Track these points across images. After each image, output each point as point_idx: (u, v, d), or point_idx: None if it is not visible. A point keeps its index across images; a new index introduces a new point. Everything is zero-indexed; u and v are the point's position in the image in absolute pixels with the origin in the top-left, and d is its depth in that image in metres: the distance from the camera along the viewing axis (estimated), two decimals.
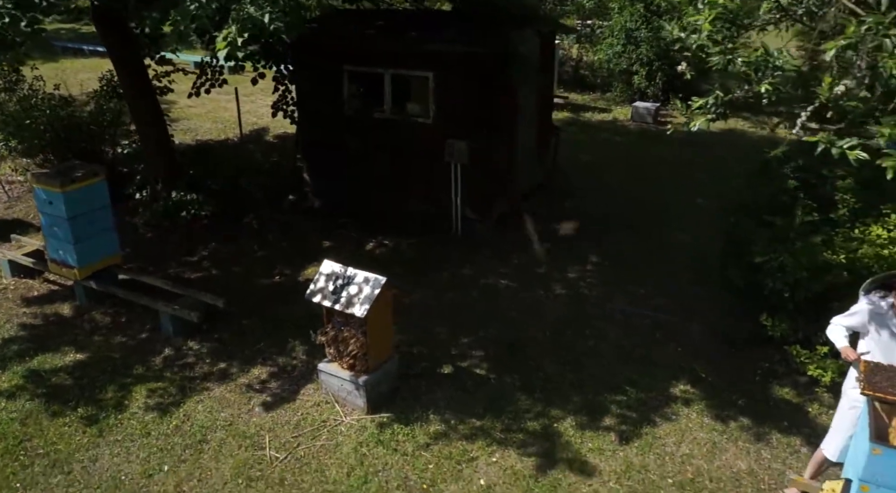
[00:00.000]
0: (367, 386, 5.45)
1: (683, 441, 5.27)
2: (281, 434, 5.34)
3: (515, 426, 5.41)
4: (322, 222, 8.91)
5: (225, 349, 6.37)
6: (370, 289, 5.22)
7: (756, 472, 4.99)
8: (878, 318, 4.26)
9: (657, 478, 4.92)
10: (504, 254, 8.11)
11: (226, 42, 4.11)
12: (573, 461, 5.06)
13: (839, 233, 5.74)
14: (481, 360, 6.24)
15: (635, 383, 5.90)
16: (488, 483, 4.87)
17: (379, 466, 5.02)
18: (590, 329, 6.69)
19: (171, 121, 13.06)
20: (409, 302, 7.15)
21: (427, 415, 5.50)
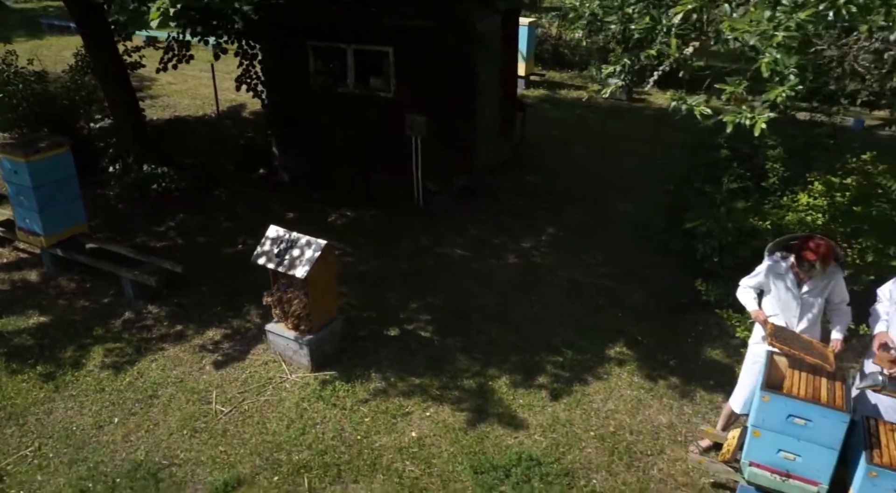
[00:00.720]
0: (311, 345, 5.71)
1: (610, 398, 5.53)
2: (228, 390, 5.61)
3: (452, 384, 5.68)
4: (289, 195, 9.14)
5: (183, 313, 6.63)
6: (311, 252, 5.46)
7: (675, 425, 5.25)
8: (778, 277, 4.49)
9: (581, 431, 5.18)
10: (462, 225, 8.34)
11: (159, 12, 4.29)
12: (503, 416, 5.33)
13: (771, 201, 5.96)
14: (428, 324, 6.49)
15: (573, 346, 6.15)
16: (419, 435, 5.14)
17: (317, 419, 5.29)
18: (536, 296, 6.93)
19: (151, 97, 13.34)
20: (364, 269, 7.41)
21: (369, 373, 5.77)
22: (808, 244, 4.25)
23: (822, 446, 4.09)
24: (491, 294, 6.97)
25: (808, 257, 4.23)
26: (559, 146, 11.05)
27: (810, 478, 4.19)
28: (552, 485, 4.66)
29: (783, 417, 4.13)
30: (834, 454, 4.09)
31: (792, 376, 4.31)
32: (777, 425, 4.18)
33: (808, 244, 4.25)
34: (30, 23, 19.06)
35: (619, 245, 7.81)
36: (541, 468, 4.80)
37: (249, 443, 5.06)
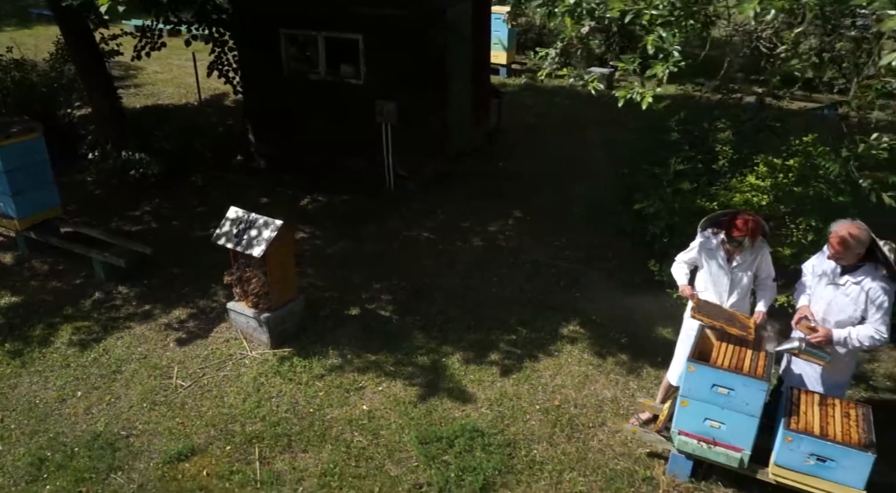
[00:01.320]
0: (270, 323, 5.89)
1: (559, 374, 5.70)
2: (189, 366, 5.80)
3: (406, 360, 5.85)
4: (264, 180, 9.30)
5: (152, 294, 6.82)
6: (268, 232, 5.63)
7: (619, 399, 5.42)
8: (708, 252, 4.65)
9: (527, 405, 5.36)
10: (431, 210, 8.50)
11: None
12: (453, 390, 5.50)
13: (721, 183, 6.10)
14: (388, 303, 6.66)
15: (527, 324, 6.32)
16: (370, 408, 5.32)
17: (273, 393, 5.47)
18: (497, 277, 7.10)
19: (136, 86, 13.49)
20: (331, 252, 7.58)
21: (327, 350, 5.95)
22: (737, 221, 4.40)
23: (743, 414, 4.26)
24: (453, 275, 7.14)
25: (736, 232, 4.39)
26: (534, 133, 11.18)
27: (734, 445, 4.36)
28: (493, 455, 4.83)
29: (708, 386, 4.30)
30: (755, 422, 4.26)
31: (719, 348, 4.48)
32: (702, 394, 4.35)
33: (737, 221, 4.40)
34: (21, 12, 19.21)
35: (582, 228, 7.96)
36: (484, 438, 4.97)
37: (206, 415, 5.25)
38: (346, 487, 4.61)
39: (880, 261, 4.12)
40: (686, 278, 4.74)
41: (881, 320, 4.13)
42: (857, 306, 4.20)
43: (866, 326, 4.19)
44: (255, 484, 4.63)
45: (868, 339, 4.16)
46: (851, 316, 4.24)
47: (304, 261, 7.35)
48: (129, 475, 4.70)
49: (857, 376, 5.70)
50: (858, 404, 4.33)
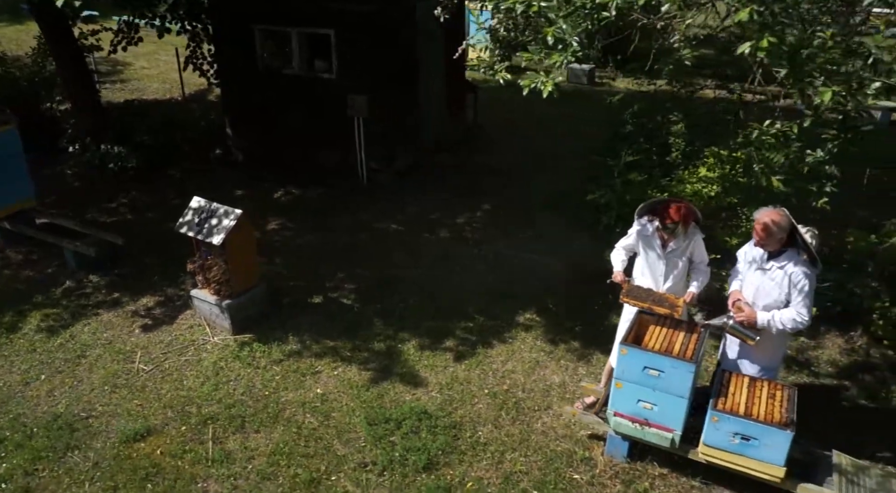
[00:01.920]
0: (231, 309, 6.05)
1: (510, 360, 5.86)
2: (153, 351, 5.96)
3: (364, 347, 6.01)
4: (241, 174, 9.47)
5: (122, 282, 6.98)
6: (228, 220, 5.79)
7: (566, 384, 5.57)
8: (645, 239, 4.80)
9: (476, 389, 5.51)
10: (402, 202, 8.65)
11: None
12: (405, 375, 5.66)
13: (675, 174, 6.25)
14: (351, 292, 6.82)
15: (485, 312, 6.47)
16: (324, 391, 5.48)
17: (231, 377, 5.64)
18: (461, 268, 7.25)
19: (122, 81, 13.66)
20: (300, 242, 7.75)
21: (287, 336, 6.11)
22: (670, 208, 4.55)
23: (673, 395, 4.41)
24: (417, 266, 7.29)
25: (669, 219, 4.54)
26: (511, 128, 11.33)
27: (666, 425, 4.51)
28: (438, 436, 4.99)
29: (639, 369, 4.45)
30: (684, 403, 4.41)
31: (653, 331, 4.63)
32: (635, 376, 4.50)
33: (670, 208, 4.55)
34: (13, 8, 19.38)
35: (547, 219, 8.11)
36: (431, 420, 5.13)
37: (164, 398, 5.41)
38: (294, 465, 4.77)
39: (801, 247, 4.27)
40: (622, 264, 4.89)
41: (803, 304, 4.28)
42: (782, 290, 4.35)
43: (789, 309, 4.33)
44: (207, 462, 4.79)
45: (790, 322, 4.31)
46: (777, 300, 4.38)
47: (273, 251, 7.52)
48: (86, 454, 4.86)
49: (801, 363, 5.86)
50: (785, 386, 4.48)
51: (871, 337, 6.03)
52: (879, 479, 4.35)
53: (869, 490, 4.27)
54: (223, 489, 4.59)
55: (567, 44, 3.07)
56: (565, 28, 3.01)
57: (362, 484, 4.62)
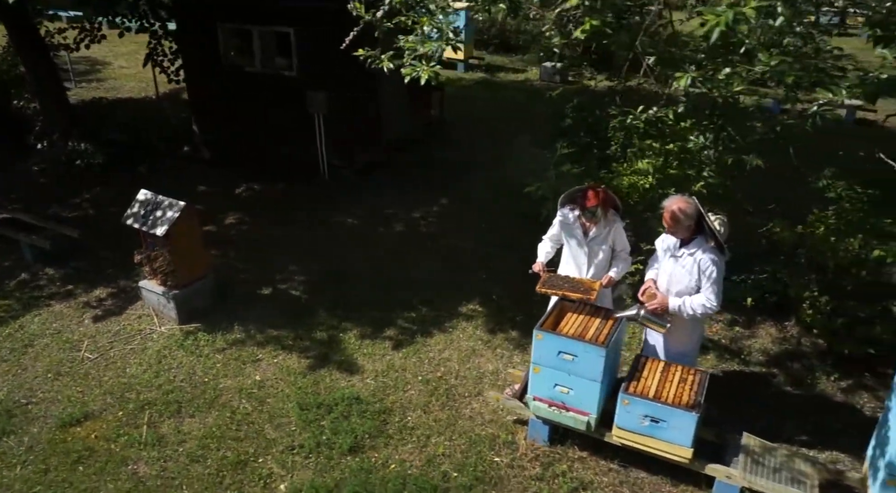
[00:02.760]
0: (178, 300, 6.18)
1: (447, 348, 5.98)
2: (100, 340, 6.10)
3: (306, 336, 6.14)
4: (207, 170, 9.60)
5: (77, 275, 7.11)
6: (172, 212, 5.92)
7: (499, 371, 5.70)
8: (567, 228, 4.93)
9: (410, 376, 5.64)
10: (360, 197, 8.78)
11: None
12: (343, 363, 5.79)
13: (615, 167, 6.38)
14: (301, 284, 6.95)
15: (430, 304, 6.60)
16: (262, 378, 5.61)
17: (174, 364, 5.77)
18: (412, 260, 7.38)
19: (99, 80, 13.80)
20: (257, 236, 7.88)
21: (232, 326, 6.24)
22: (588, 193, 4.69)
23: (587, 379, 4.53)
24: (370, 259, 7.42)
25: (588, 203, 4.68)
26: (478, 125, 11.47)
27: (581, 409, 4.64)
28: (367, 420, 5.12)
29: (555, 353, 4.57)
30: (597, 386, 4.53)
31: (570, 318, 4.76)
32: (551, 361, 4.62)
33: (588, 193, 4.69)
34: None
35: (502, 214, 8.24)
36: (362, 405, 5.26)
37: (106, 384, 5.54)
38: (223, 448, 4.90)
39: (709, 234, 4.40)
40: (546, 256, 5.03)
41: (711, 290, 4.41)
42: (692, 277, 4.47)
43: (699, 295, 4.46)
44: (139, 446, 4.92)
45: (700, 307, 4.44)
46: (688, 286, 4.51)
47: (228, 245, 7.65)
48: (21, 439, 4.99)
49: (733, 351, 5.99)
50: (698, 372, 4.60)
51: (802, 326, 6.15)
52: (784, 459, 4.47)
53: (772, 469, 4.39)
54: (152, 471, 4.71)
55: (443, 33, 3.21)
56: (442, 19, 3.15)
57: (288, 466, 4.75)
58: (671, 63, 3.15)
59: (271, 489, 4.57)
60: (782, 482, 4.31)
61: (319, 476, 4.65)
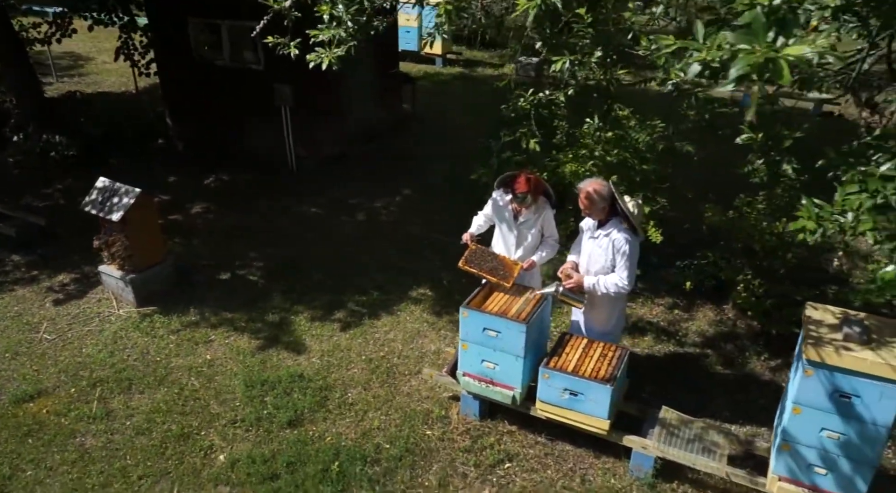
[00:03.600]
0: (135, 283, 6.40)
1: (394, 330, 6.20)
2: (59, 322, 6.31)
3: (259, 318, 6.35)
4: (179, 161, 9.82)
5: (43, 261, 7.33)
6: (127, 198, 6.14)
7: (441, 351, 5.91)
8: (499, 210, 5.14)
9: (354, 356, 5.86)
10: (325, 188, 9.00)
11: None
12: (291, 343, 6.01)
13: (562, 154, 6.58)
14: (259, 270, 7.17)
15: (382, 288, 6.82)
16: (212, 358, 5.83)
17: (129, 345, 5.98)
18: (370, 248, 7.59)
19: (81, 75, 14.01)
20: (221, 225, 8.09)
21: (188, 309, 6.45)
22: (520, 178, 4.89)
23: (510, 354, 4.74)
24: (329, 246, 7.64)
25: (519, 189, 4.88)
26: (450, 118, 11.67)
27: (507, 384, 4.85)
28: (309, 396, 5.33)
29: (480, 330, 4.79)
30: (520, 362, 4.74)
31: (496, 296, 4.97)
32: (477, 337, 4.83)
33: (520, 178, 4.89)
34: None
35: (459, 203, 8.40)
36: (304, 382, 5.48)
37: (61, 363, 5.76)
38: (169, 422, 5.11)
39: (622, 215, 4.61)
40: (478, 228, 5.21)
41: (624, 269, 4.61)
42: (608, 257, 4.68)
43: (612, 274, 4.67)
44: (88, 420, 5.14)
45: (613, 286, 4.64)
46: (604, 266, 4.72)
47: (192, 233, 7.87)
48: None
49: (670, 333, 6.19)
50: (618, 348, 4.82)
51: (738, 309, 6.36)
52: (699, 431, 4.68)
53: (686, 440, 4.60)
54: (98, 443, 4.93)
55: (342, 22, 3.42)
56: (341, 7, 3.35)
57: (229, 438, 4.97)
58: (555, 48, 3.35)
59: (211, 460, 4.79)
60: (694, 451, 4.52)
61: (258, 448, 4.86)
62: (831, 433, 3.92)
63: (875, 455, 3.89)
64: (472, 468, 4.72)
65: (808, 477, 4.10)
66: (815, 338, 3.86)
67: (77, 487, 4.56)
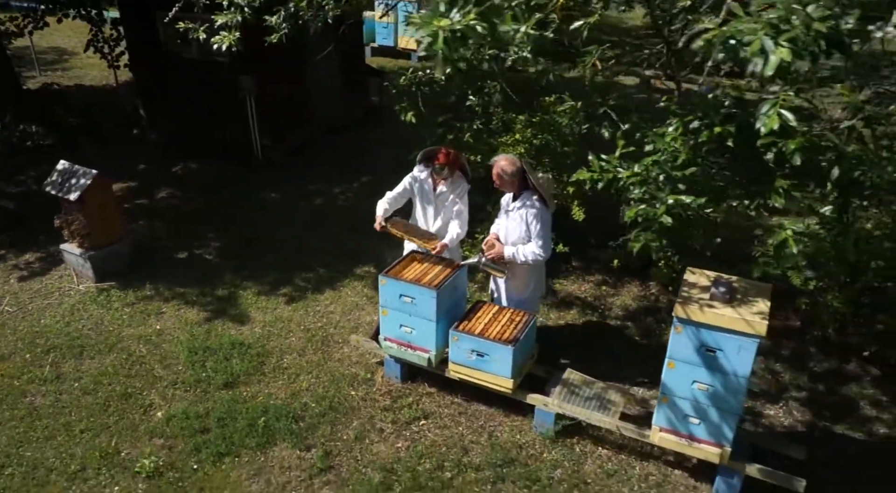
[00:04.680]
0: (94, 260, 6.80)
1: (335, 303, 6.59)
2: (21, 296, 6.72)
3: (210, 293, 6.75)
4: (152, 151, 10.23)
5: (10, 242, 7.73)
6: (84, 180, 6.54)
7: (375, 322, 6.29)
8: (418, 183, 5.54)
9: (294, 326, 6.25)
10: (288, 175, 9.40)
11: None
12: (237, 315, 6.40)
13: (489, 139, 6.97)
14: (216, 250, 7.57)
15: (329, 267, 7.21)
16: (162, 327, 6.23)
17: (85, 316, 6.39)
18: (325, 230, 7.99)
19: (64, 69, 14.44)
20: (185, 209, 8.50)
21: (144, 284, 6.86)
22: (440, 151, 5.30)
23: (424, 319, 5.13)
24: (285, 229, 8.04)
25: (438, 161, 5.28)
26: None
27: (423, 347, 5.24)
28: (246, 361, 5.73)
29: (397, 296, 5.18)
30: (433, 326, 5.12)
31: (414, 266, 5.35)
32: (394, 304, 5.22)
33: (440, 151, 5.30)
34: None
35: None
36: (244, 349, 5.88)
37: (19, 332, 6.17)
38: (115, 383, 5.52)
39: (533, 189, 4.99)
40: (385, 212, 5.50)
41: (538, 238, 4.99)
42: (522, 228, 5.06)
43: (530, 244, 5.05)
44: (40, 382, 5.54)
45: (531, 254, 5.02)
46: (521, 237, 5.09)
47: (156, 216, 8.27)
48: None
49: (595, 307, 6.57)
50: (527, 314, 5.20)
51: (661, 284, 6.74)
52: (599, 390, 5.07)
53: (585, 398, 4.99)
54: (47, 401, 5.33)
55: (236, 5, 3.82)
56: None
57: (168, 397, 5.37)
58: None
59: (149, 416, 5.19)
60: (591, 408, 4.91)
61: (193, 406, 5.26)
62: (701, 384, 4.30)
63: (738, 404, 4.27)
64: (389, 424, 5.11)
65: (684, 427, 4.48)
66: (686, 298, 4.24)
67: (23, 439, 4.96)
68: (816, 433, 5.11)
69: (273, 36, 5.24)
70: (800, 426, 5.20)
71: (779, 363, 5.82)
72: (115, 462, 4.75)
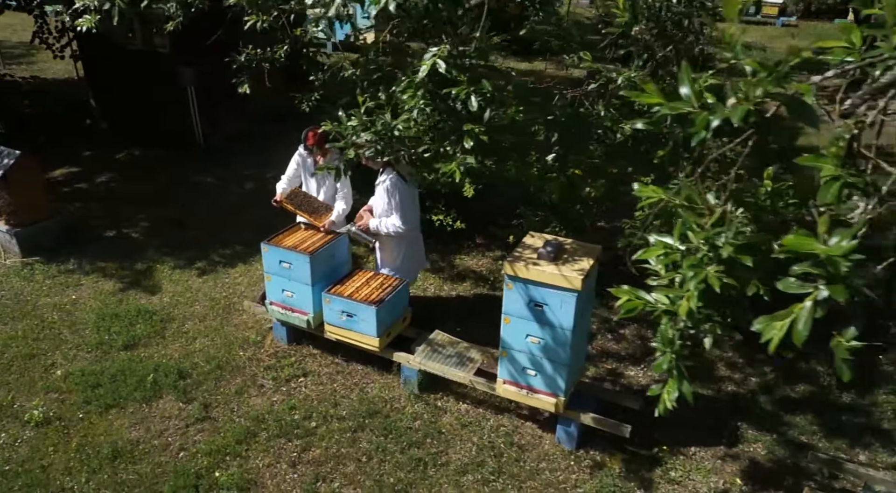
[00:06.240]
0: (20, 236, 7.24)
1: (244, 276, 7.02)
2: None
3: (129, 267, 7.19)
4: (100, 139, 10.68)
5: None
6: (8, 160, 6.99)
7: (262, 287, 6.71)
8: (303, 160, 5.97)
9: (202, 296, 6.68)
10: (226, 161, 9.84)
11: None
12: (150, 286, 6.84)
13: None
14: (143, 229, 8.00)
15: (247, 243, 7.63)
16: (77, 297, 6.67)
17: (6, 288, 6.83)
18: (251, 212, 8.39)
19: (28, 63, 14.91)
20: (122, 192, 8.94)
21: (69, 260, 7.29)
22: (310, 133, 5.73)
23: (301, 283, 5.55)
24: (215, 211, 8.47)
25: (308, 141, 5.72)
26: None
27: (302, 309, 5.66)
28: (149, 326, 6.16)
29: (277, 262, 5.60)
30: (309, 289, 5.54)
31: (298, 234, 5.77)
32: (276, 269, 5.64)
33: (310, 133, 5.73)
34: None
35: None
36: (149, 316, 6.31)
37: None
38: (23, 346, 5.95)
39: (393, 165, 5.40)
40: (283, 190, 6.00)
41: (396, 211, 5.41)
42: (384, 201, 5.48)
43: (392, 216, 5.47)
44: None
45: (392, 226, 5.45)
46: (385, 209, 5.52)
47: (92, 198, 8.71)
48: None
49: (485, 279, 6.97)
50: (399, 280, 5.62)
51: None
52: (461, 350, 5.47)
53: (446, 356, 5.39)
54: None
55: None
56: None
57: (70, 358, 5.80)
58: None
59: (49, 374, 5.62)
60: (450, 365, 5.32)
61: (91, 365, 5.69)
62: (533, 338, 4.71)
63: (567, 356, 4.67)
64: (270, 381, 5.54)
65: (524, 379, 4.88)
66: (516, 257, 4.65)
67: None
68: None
69: (169, 24, 5.64)
70: (653, 383, 5.60)
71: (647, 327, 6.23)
72: (8, 413, 5.18)
